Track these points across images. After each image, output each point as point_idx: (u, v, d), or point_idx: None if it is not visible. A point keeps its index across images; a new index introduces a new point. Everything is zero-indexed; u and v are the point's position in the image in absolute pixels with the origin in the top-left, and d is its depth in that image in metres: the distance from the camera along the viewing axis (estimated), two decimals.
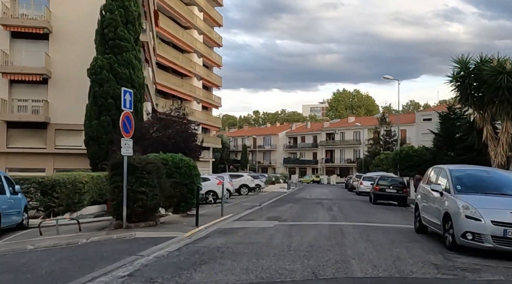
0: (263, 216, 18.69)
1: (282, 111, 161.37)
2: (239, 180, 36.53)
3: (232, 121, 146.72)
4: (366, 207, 24.61)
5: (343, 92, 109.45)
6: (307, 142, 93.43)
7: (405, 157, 38.10)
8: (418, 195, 13.68)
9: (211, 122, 67.97)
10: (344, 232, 13.20)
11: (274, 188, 49.37)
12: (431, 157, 28.87)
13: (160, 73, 51.61)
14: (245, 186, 36.66)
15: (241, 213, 20.24)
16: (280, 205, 25.75)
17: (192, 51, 59.94)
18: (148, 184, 13.80)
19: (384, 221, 17.24)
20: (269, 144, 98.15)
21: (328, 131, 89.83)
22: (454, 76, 22.70)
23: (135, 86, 28.86)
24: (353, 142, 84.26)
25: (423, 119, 75.89)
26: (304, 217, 18.24)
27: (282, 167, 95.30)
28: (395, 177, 29.37)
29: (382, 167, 60.31)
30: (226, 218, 17.39)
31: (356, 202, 29.28)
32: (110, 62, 28.64)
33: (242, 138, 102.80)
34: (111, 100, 28.34)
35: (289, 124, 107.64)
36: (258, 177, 43.27)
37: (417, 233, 13.15)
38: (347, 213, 20.12)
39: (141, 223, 13.81)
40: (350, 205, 26.12)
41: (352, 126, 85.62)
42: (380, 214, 20.79)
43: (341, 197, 35.23)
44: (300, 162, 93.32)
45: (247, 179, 37.22)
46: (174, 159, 17.32)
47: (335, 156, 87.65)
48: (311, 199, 31.78)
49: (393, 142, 67.88)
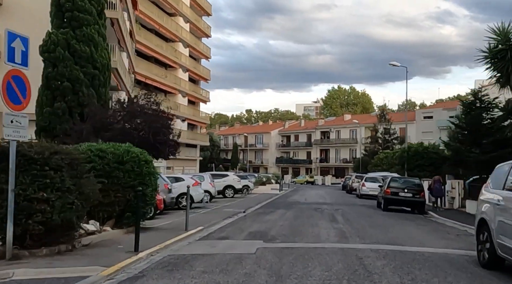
0: (244, 230, 13.46)
1: (275, 110, 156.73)
2: (223, 181, 31.31)
3: (224, 120, 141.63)
4: (377, 216, 19.43)
5: (338, 90, 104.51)
6: (300, 141, 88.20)
7: (414, 155, 33.02)
8: (485, 207, 8.49)
9: (198, 118, 62.66)
10: (366, 266, 8.03)
11: (264, 189, 44.22)
12: (453, 154, 23.73)
13: (140, 62, 46.34)
14: (230, 187, 31.43)
15: (216, 224, 15.03)
16: (269, 211, 20.54)
17: (177, 40, 54.63)
18: (54, 187, 8.58)
19: (414, 240, 12.07)
20: (261, 142, 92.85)
21: (323, 129, 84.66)
22: (491, 51, 17.62)
23: (97, 67, 23.69)
24: (349, 140, 79.16)
25: (423, 117, 71.06)
26: (301, 232, 13.05)
27: (274, 167, 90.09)
28: (409, 178, 24.11)
29: (382, 166, 55.32)
30: (190, 234, 12.17)
31: (361, 207, 24.12)
32: (66, 37, 23.35)
33: (233, 136, 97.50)
34: (67, 83, 23.15)
35: (282, 122, 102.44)
36: (246, 177, 38.10)
37: (486, 268, 8.02)
38: (357, 226, 14.93)
39: (42, 248, 8.57)
40: (356, 212, 20.95)
41: (349, 124, 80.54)
42: (400, 226, 15.62)
43: (342, 200, 30.08)
44: (293, 161, 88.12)
45: (233, 179, 31.96)
46: (116, 150, 12.07)
47: (330, 156, 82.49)
48: (307, 203, 26.64)
49: (392, 141, 62.91)
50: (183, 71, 56.35)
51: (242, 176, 38.60)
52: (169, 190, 20.10)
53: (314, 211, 20.62)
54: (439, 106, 72.02)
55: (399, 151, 38.75)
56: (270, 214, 19.29)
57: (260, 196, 34.38)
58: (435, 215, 20.62)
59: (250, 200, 28.58)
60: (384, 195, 21.93)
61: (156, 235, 11.87)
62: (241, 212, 20.16)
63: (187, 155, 60.94)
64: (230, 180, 31.70)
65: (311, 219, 16.77)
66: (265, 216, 18.11)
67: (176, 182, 21.91)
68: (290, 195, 36.82)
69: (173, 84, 53.26)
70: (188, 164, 60.73)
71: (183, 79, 55.90)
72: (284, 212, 19.99)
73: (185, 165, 59.58)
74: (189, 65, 57.98)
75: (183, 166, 59.15)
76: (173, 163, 56.72)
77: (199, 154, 66.15)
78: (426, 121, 70.12)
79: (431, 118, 69.57)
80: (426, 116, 70.78)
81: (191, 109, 60.04)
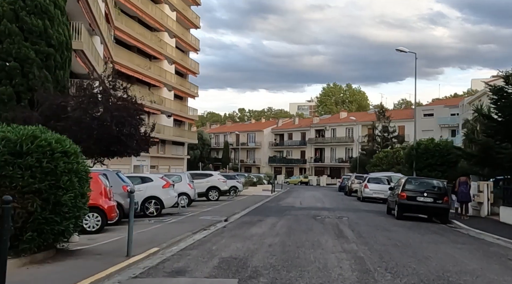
0: (215, 254, 9.12)
1: (268, 109, 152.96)
2: (206, 181, 27.00)
3: (216, 119, 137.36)
4: (395, 228, 15.08)
5: (334, 87, 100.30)
6: (294, 139, 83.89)
7: (424, 153, 28.84)
8: None
9: (186, 114, 58.23)
10: None
11: (255, 191, 39.93)
12: (481, 150, 19.46)
13: (120, 51, 41.95)
14: (214, 188, 27.09)
15: (180, 242, 10.73)
16: (256, 220, 16.24)
17: (162, 30, 50.24)
18: None
19: (472, 274, 7.78)
20: (253, 141, 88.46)
21: (318, 127, 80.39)
22: None
23: (52, 45, 19.45)
24: (345, 139, 74.97)
25: (423, 114, 66.95)
26: (298, 260, 8.72)
27: (267, 166, 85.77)
28: (429, 179, 19.76)
29: (382, 166, 51.22)
30: (130, 264, 7.86)
31: (369, 214, 19.86)
32: (15, 8, 19.18)
33: (224, 135, 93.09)
34: (14, 63, 18.96)
35: (275, 120, 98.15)
36: (234, 177, 33.77)
37: None
38: (376, 246, 10.60)
39: None
40: (365, 221, 16.66)
41: (345, 122, 76.35)
42: (433, 245, 11.31)
43: (342, 204, 25.82)
44: (286, 161, 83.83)
45: (217, 179, 27.58)
46: (12, 135, 7.71)
47: (325, 155, 78.26)
48: (303, 208, 22.35)
49: (392, 139, 58.76)
50: (169, 63, 51.93)
51: (230, 176, 34.28)
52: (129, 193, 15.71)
53: (313, 220, 16.34)
54: (440, 103, 67.98)
55: (406, 148, 34.39)
56: (257, 224, 14.98)
57: (249, 198, 30.09)
58: (462, 224, 16.38)
59: (236, 204, 24.28)
60: (398, 200, 17.64)
61: (75, 266, 7.55)
62: (221, 221, 15.88)
63: (173, 153, 56.62)
64: (215, 180, 27.36)
65: (310, 234, 12.45)
66: (250, 228, 13.79)
67: (143, 183, 17.55)
68: (283, 198, 32.55)
69: (158, 76, 48.87)
70: (175, 163, 56.33)
71: (168, 72, 51.49)
72: (275, 222, 15.68)
73: (171, 164, 55.21)
74: (176, 57, 53.56)
75: (169, 165, 54.80)
76: (158, 161, 52.39)
77: (187, 152, 61.74)
78: (426, 119, 66.05)
79: (432, 116, 65.57)
80: (426, 114, 66.74)
81: (177, 104, 55.64)
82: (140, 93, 47.08)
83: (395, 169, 48.92)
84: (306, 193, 41.47)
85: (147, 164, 49.41)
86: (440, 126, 64.22)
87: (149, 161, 49.69)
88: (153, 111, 48.75)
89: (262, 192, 39.51)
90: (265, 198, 30.95)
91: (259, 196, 32.80)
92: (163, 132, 50.45)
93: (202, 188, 26.60)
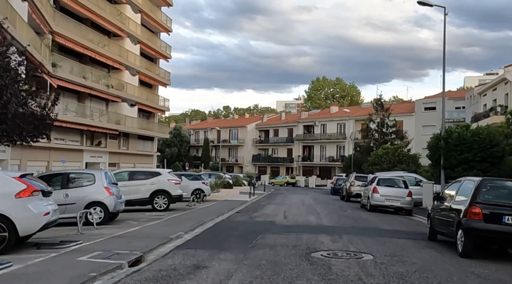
0: None
1: (254, 107, 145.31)
2: (150, 183, 18.43)
3: (200, 117, 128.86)
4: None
5: (323, 80, 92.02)
6: (280, 136, 75.42)
7: (457, 145, 20.59)
8: None
9: (156, 105, 49.52)
10: None
11: (230, 194, 31.49)
12: None
13: (67, 22, 33.21)
14: (162, 193, 18.52)
15: None
16: (191, 270, 7.78)
17: (123, 2, 41.62)
18: None
19: None
20: (236, 138, 79.81)
21: (306, 123, 72.03)
22: None
23: None
24: (336, 135, 66.74)
25: (424, 108, 59.02)
26: None
27: (250, 166, 77.35)
28: None
29: (381, 165, 43.10)
30: None
31: (402, 243, 11.40)
32: None
33: (204, 131, 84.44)
34: None
35: (259, 116, 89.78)
36: (199, 178, 25.31)
37: None
38: None
39: None
40: (412, 268, 8.20)
41: (336, 117, 68.18)
42: None
43: (347, 219, 17.23)
44: (272, 159, 75.40)
45: (166, 180, 18.92)
46: None
47: (315, 153, 69.94)
48: (288, 228, 13.81)
49: (391, 134, 50.59)
50: (133, 43, 43.24)
51: (194, 176, 25.85)
52: None
53: (310, 270, 7.89)
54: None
55: (432, 138, 26.06)
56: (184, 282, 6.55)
57: (216, 206, 21.65)
58: None
59: (188, 218, 15.81)
60: (465, 221, 9.25)
61: None
62: (121, 266, 7.49)
63: (140, 149, 47.96)
64: (162, 181, 18.74)
65: None
66: None
67: None
68: (262, 205, 24.09)
69: (118, 57, 40.16)
70: (142, 160, 47.64)
71: (131, 52, 42.76)
72: (228, 272, 7.28)
73: (137, 161, 46.50)
74: (142, 37, 44.87)
75: (134, 162, 46.08)
76: (120, 158, 43.65)
77: (156, 148, 53.04)
78: (428, 114, 58.10)
79: (434, 110, 57.52)
80: (428, 108, 58.75)
81: (144, 92, 46.94)
82: (93, 74, 38.75)
83: (398, 167, 40.81)
84: (293, 197, 33.07)
85: (105, 161, 40.72)
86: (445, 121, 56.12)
87: (107, 158, 41.01)
88: (112, 98, 40.11)
89: (239, 195, 31.07)
90: (239, 206, 22.53)
91: (231, 202, 24.37)
92: (125, 124, 41.80)
93: (144, 193, 18.12)
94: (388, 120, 50.40)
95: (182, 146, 79.60)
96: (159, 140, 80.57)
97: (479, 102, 47.71)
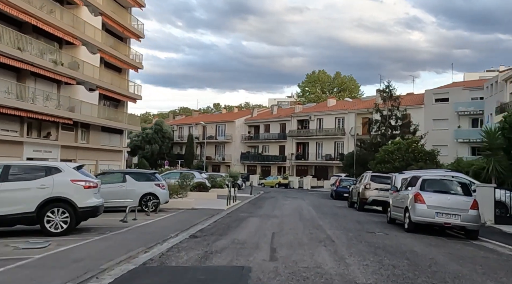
0: None
1: (246, 104, 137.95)
2: (39, 186, 10.32)
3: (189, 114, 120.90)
4: None
5: (320, 73, 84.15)
6: (272, 132, 67.33)
7: None
8: None
9: (123, 91, 41.36)
10: None
11: (203, 200, 23.47)
12: None
13: None
14: (61, 203, 10.45)
15: None
16: None
17: None
18: None
19: None
20: (223, 134, 71.66)
21: (301, 117, 64.06)
22: None
23: None
24: (334, 131, 58.80)
25: (435, 99, 51.23)
26: None
27: (239, 164, 69.34)
28: None
29: (393, 163, 35.35)
30: None
31: None
32: None
33: (189, 127, 76.23)
34: None
35: (249, 110, 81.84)
36: (153, 178, 17.26)
37: None
38: None
39: None
40: None
41: (334, 111, 60.30)
42: None
43: (393, 258, 9.21)
44: (262, 158, 67.33)
45: (68, 181, 10.66)
46: None
47: (310, 151, 61.92)
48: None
49: (400, 128, 42.72)
50: (92, 13, 35.11)
51: (147, 175, 17.81)
52: None
53: None
54: (457, 85, 52.18)
55: (507, 116, 18.03)
56: None
57: (165, 222, 13.71)
58: None
59: (76, 258, 7.78)
60: None
61: None
62: None
63: (105, 143, 39.86)
64: (62, 184, 10.56)
65: None
66: None
67: None
68: (240, 219, 16.03)
69: (71, 28, 32.00)
70: (107, 157, 39.59)
71: (90, 25, 34.57)
72: None
73: (100, 157, 38.40)
74: (104, 7, 36.76)
75: (96, 158, 38.03)
76: (76, 153, 35.36)
77: (125, 142, 44.90)
78: (439, 106, 50.37)
79: (447, 101, 49.78)
80: (439, 99, 50.98)
81: (108, 75, 38.81)
82: (34, 47, 30.53)
83: (415, 166, 32.97)
84: (285, 203, 25.09)
85: (55, 157, 32.54)
86: (458, 114, 48.51)
87: (58, 152, 32.85)
88: (65, 79, 32.03)
89: (214, 201, 23.15)
90: (204, 220, 14.57)
91: (197, 213, 16.42)
92: (80, 112, 33.65)
93: (27, 204, 10.10)
94: (397, 111, 42.56)
95: (164, 142, 71.51)
96: (138, 136, 72.59)
97: (505, 90, 39.94)
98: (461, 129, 48.25)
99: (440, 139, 45.62)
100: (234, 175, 34.43)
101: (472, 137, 46.41)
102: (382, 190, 19.72)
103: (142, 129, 74.30)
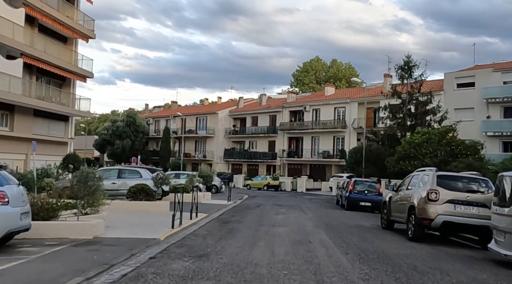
0: None
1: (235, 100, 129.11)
2: None
3: None
4: None
5: (315, 60, 74.59)
6: (260, 125, 57.55)
7: None
8: None
9: (68, 65, 31.39)
10: None
11: (137, 216, 13.92)
12: None
13: None
14: None
15: None
16: None
17: None
18: None
19: None
20: (204, 127, 61.80)
21: (294, 108, 54.38)
22: None
23: None
24: (333, 123, 49.16)
25: (457, 84, 41.80)
26: None
27: (222, 162, 59.52)
28: None
29: (422, 160, 25.94)
30: None
31: None
32: None
33: (167, 119, 66.23)
34: None
35: (235, 101, 72.13)
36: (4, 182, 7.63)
37: None
38: None
39: None
40: None
41: (333, 100, 50.73)
42: None
43: None
44: (249, 155, 57.52)
45: None
46: None
47: (304, 147, 52.21)
48: None
49: (424, 115, 33.20)
50: None
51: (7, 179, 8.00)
52: None
53: None
54: (486, 67, 42.69)
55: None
56: None
57: None
58: None
59: None
60: None
61: None
62: None
63: (41, 132, 29.97)
64: None
65: None
66: None
67: None
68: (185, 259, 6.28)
69: None
70: (46, 149, 29.53)
71: None
72: None
73: (37, 151, 28.42)
74: None
75: (26, 151, 28.07)
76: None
77: (73, 132, 34.90)
78: (462, 92, 40.94)
79: (472, 87, 40.36)
80: (463, 84, 41.55)
81: (40, 39, 28.87)
82: None
83: (459, 163, 23.48)
84: (278, 220, 15.33)
85: None
86: (487, 101, 39.07)
87: None
88: None
89: (156, 219, 13.50)
90: None
91: (73, 261, 6.65)
92: None
93: None
94: (419, 95, 33.08)
95: (137, 137, 61.48)
96: (107, 130, 62.64)
97: None
98: (490, 120, 38.84)
99: (464, 132, 36.03)
100: (206, 175, 24.55)
101: (505, 129, 37.27)
102: (464, 204, 10.17)
103: (112, 122, 64.52)
